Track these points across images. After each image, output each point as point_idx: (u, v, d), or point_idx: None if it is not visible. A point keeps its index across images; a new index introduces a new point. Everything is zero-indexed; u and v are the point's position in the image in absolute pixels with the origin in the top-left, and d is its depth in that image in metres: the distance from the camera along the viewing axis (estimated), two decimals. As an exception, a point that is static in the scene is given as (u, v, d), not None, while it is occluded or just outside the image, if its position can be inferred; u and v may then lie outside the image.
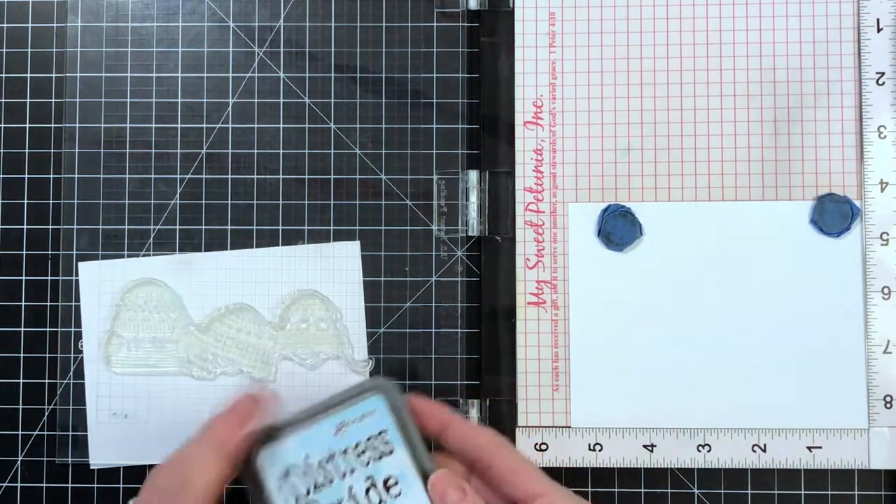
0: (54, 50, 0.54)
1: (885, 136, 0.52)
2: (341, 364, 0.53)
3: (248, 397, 0.43)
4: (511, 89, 0.53)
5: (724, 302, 0.52)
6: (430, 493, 0.41)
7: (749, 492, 0.52)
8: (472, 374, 0.53)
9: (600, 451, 0.51)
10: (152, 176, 0.54)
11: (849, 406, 0.51)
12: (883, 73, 0.52)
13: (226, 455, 0.41)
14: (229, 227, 0.53)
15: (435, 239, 0.53)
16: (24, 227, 0.54)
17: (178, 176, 0.54)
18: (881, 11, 0.52)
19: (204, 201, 0.53)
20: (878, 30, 0.52)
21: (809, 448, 0.51)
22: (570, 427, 0.52)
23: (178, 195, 0.53)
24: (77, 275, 0.53)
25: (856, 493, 0.52)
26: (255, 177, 0.54)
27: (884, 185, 0.52)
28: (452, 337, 0.53)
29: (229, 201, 0.53)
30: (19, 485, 0.53)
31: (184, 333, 0.53)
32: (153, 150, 0.54)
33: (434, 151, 0.53)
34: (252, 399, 0.43)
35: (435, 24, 0.54)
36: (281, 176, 0.53)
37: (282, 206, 0.53)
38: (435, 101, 0.54)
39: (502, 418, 0.52)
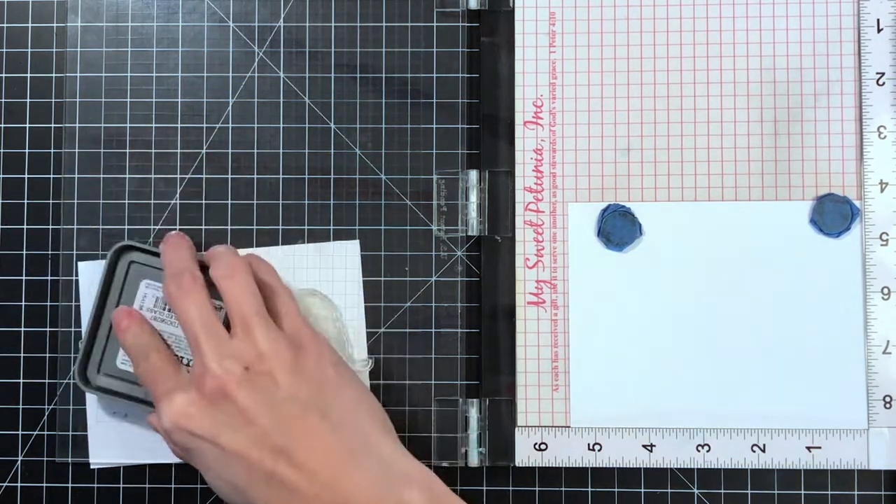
0: (54, 50, 0.54)
1: (885, 136, 0.52)
2: (341, 364, 0.52)
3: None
4: (511, 89, 0.53)
5: (723, 302, 0.52)
6: None
7: (749, 492, 0.52)
8: (472, 374, 0.53)
9: (600, 450, 0.51)
10: (152, 176, 0.54)
11: (848, 406, 0.51)
12: (883, 73, 0.52)
13: None
14: (229, 227, 0.53)
15: (435, 239, 0.53)
16: (24, 227, 0.54)
17: (178, 176, 0.54)
18: (881, 11, 0.52)
19: (204, 201, 0.53)
20: (879, 30, 0.52)
21: (809, 448, 0.51)
22: (569, 427, 0.52)
23: (178, 195, 0.53)
24: (77, 275, 0.53)
25: (855, 493, 0.52)
26: (255, 177, 0.54)
27: (884, 186, 0.52)
28: (452, 337, 0.53)
29: (229, 201, 0.53)
30: (19, 485, 0.53)
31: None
32: (153, 150, 0.54)
33: (434, 151, 0.53)
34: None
35: (435, 24, 0.54)
36: (281, 176, 0.53)
37: (282, 206, 0.53)
38: (435, 101, 0.54)
39: (502, 418, 0.52)
